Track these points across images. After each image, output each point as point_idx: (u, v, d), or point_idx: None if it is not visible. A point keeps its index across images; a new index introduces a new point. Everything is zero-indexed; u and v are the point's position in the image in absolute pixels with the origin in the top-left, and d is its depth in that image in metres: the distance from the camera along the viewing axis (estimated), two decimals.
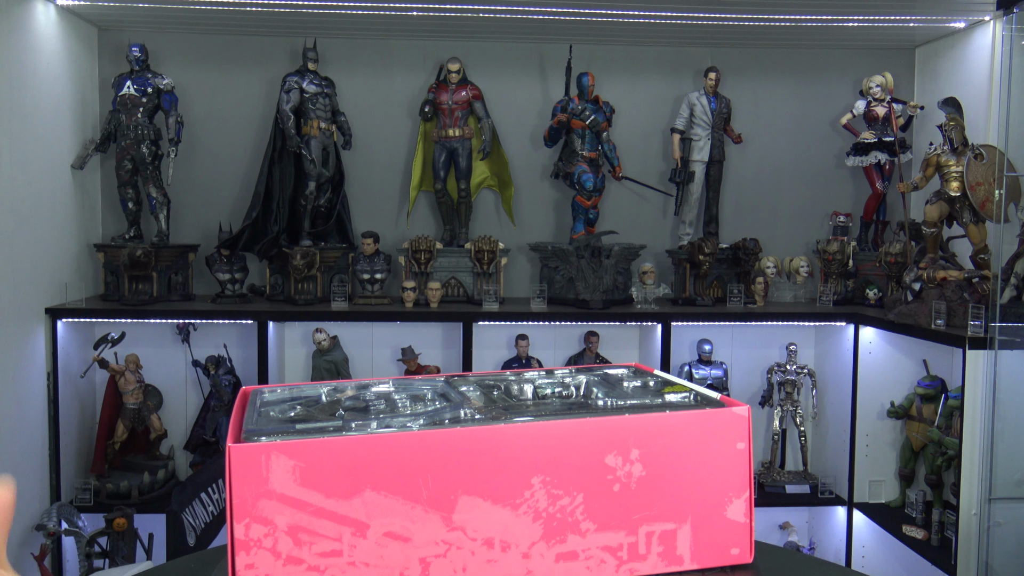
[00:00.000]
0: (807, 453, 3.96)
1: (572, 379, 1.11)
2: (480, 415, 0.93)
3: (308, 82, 3.79)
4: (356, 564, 0.85)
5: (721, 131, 4.04)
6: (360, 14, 3.62)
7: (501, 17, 3.66)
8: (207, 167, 4.04)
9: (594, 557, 0.91)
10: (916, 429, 3.55)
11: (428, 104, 3.93)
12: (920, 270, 3.38)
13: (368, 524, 0.85)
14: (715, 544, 0.95)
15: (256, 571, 0.84)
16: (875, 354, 3.68)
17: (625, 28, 3.84)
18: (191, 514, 2.56)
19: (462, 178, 3.95)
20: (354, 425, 0.89)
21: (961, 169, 3.22)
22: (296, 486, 0.83)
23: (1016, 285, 2.98)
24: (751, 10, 3.59)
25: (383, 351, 4.01)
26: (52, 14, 3.49)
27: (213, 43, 4.02)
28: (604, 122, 3.89)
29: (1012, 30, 2.93)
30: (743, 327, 4.08)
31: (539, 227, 4.19)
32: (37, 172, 3.35)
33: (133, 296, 3.64)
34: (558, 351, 4.05)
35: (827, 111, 4.24)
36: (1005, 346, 2.92)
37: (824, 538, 4.04)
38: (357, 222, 4.03)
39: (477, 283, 3.89)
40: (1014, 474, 2.97)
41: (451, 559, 0.88)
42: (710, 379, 3.88)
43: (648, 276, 3.81)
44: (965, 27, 3.79)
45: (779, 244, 4.21)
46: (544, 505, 0.89)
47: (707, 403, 0.98)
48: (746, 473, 0.95)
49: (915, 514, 3.51)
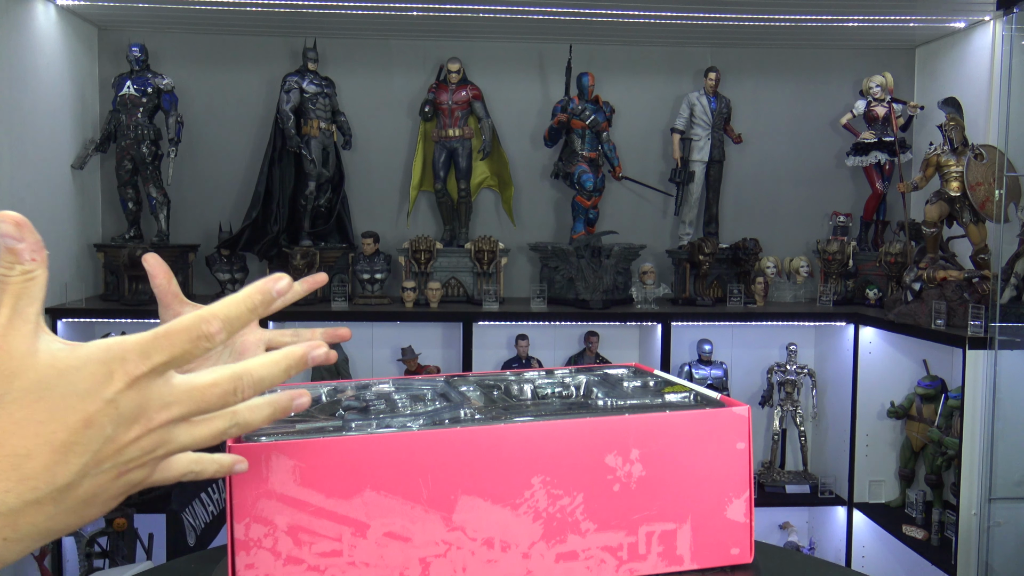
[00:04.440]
0: (807, 453, 3.96)
1: (572, 379, 1.11)
2: (480, 415, 0.93)
3: (308, 82, 3.80)
4: (356, 564, 0.85)
5: (721, 131, 4.05)
6: (360, 14, 3.62)
7: (501, 17, 3.66)
8: (207, 167, 4.04)
9: (594, 557, 0.91)
10: (916, 429, 3.55)
11: (428, 104, 3.93)
12: (920, 270, 3.38)
13: (368, 524, 0.85)
14: (715, 544, 0.95)
15: (256, 571, 0.84)
16: (875, 354, 3.68)
17: (625, 28, 3.84)
18: (191, 514, 2.56)
19: (462, 178, 3.95)
20: (354, 425, 0.89)
21: (961, 169, 3.22)
22: (296, 486, 0.83)
23: (1016, 285, 2.98)
24: (751, 10, 3.59)
25: (383, 351, 4.01)
26: (52, 14, 3.49)
27: (213, 43, 4.02)
28: (604, 122, 3.89)
29: (1012, 30, 2.93)
30: (743, 327, 4.08)
31: (539, 227, 4.19)
32: (37, 172, 3.35)
33: (133, 296, 3.64)
34: (558, 351, 4.05)
35: (827, 111, 4.24)
36: (1005, 346, 2.93)
37: (824, 538, 4.04)
38: (357, 222, 4.03)
39: (477, 283, 3.89)
40: (1014, 474, 2.97)
41: (451, 559, 0.88)
42: (710, 379, 3.88)
43: (648, 276, 3.81)
44: (965, 27, 3.79)
45: (779, 244, 4.21)
46: (544, 505, 0.89)
47: (707, 403, 0.98)
48: (746, 473, 0.95)
49: (915, 514, 3.51)
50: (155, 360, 0.53)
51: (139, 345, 0.53)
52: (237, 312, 0.56)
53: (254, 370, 0.57)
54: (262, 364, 0.58)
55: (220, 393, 0.56)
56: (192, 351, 0.54)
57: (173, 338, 0.54)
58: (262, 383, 0.57)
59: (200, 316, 0.55)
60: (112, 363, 0.53)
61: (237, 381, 0.56)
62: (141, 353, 0.53)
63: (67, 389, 0.52)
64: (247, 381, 0.57)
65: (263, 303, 0.57)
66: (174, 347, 0.54)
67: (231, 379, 0.56)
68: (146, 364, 0.53)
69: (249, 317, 0.57)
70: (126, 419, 0.53)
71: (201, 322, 0.54)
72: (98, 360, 0.53)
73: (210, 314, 0.55)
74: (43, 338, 0.54)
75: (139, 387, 0.53)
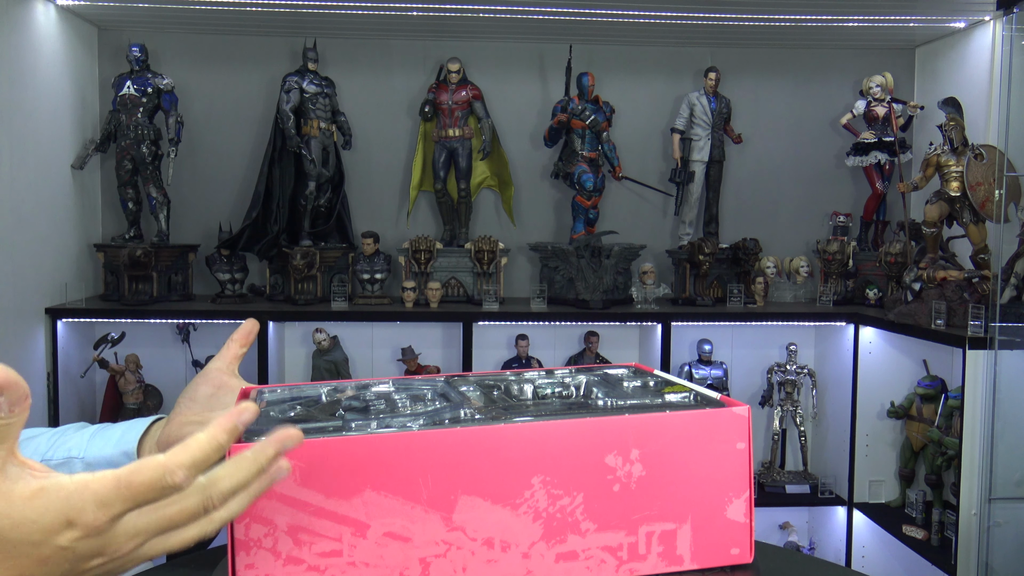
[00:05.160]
0: (807, 453, 3.96)
1: (572, 379, 1.11)
2: (480, 415, 0.93)
3: (308, 82, 3.80)
4: (356, 564, 0.85)
5: (721, 131, 4.05)
6: (360, 14, 3.62)
7: (501, 17, 3.66)
8: (207, 167, 4.04)
9: (594, 557, 0.91)
10: (916, 429, 3.55)
11: (428, 104, 3.93)
12: (920, 270, 3.38)
13: (368, 524, 0.85)
14: (715, 544, 0.95)
15: (256, 571, 0.84)
16: (875, 354, 3.68)
17: (625, 28, 3.84)
18: None
19: (462, 178, 3.96)
20: (354, 425, 0.89)
21: (961, 169, 3.22)
22: (296, 486, 0.83)
23: (1016, 285, 2.98)
24: (751, 10, 3.59)
25: (383, 351, 4.01)
26: (52, 14, 3.49)
27: (213, 43, 4.02)
28: (604, 122, 3.89)
29: (1012, 30, 2.93)
30: (743, 327, 4.09)
31: (539, 227, 4.19)
32: (37, 172, 3.35)
33: (133, 296, 3.64)
34: (558, 351, 4.05)
35: (827, 111, 4.24)
36: (1005, 346, 2.93)
37: (824, 538, 4.04)
38: (357, 222, 4.03)
39: (477, 283, 3.89)
40: (1014, 474, 2.97)
41: (451, 559, 0.88)
42: (710, 379, 3.88)
43: (648, 276, 3.81)
44: (965, 27, 3.80)
45: (779, 244, 4.21)
46: (544, 505, 0.89)
47: (707, 403, 0.98)
48: (746, 473, 0.95)
49: (915, 514, 3.51)
50: (115, 511, 0.53)
51: (99, 497, 0.53)
52: (203, 456, 0.55)
53: (222, 483, 0.57)
54: (230, 474, 0.57)
55: (189, 516, 0.56)
56: (157, 499, 0.54)
57: (135, 489, 0.53)
58: (232, 494, 0.58)
59: (165, 467, 0.54)
60: (70, 513, 0.53)
61: (207, 501, 0.56)
62: (100, 505, 0.53)
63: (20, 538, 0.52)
64: (216, 498, 0.57)
65: (229, 441, 0.57)
66: (137, 497, 0.53)
67: (199, 501, 0.56)
68: (105, 515, 0.53)
69: (216, 456, 0.56)
70: (85, 557, 0.54)
71: (166, 473, 0.54)
72: (56, 511, 0.53)
73: (176, 464, 0.54)
74: (7, 476, 0.53)
75: (97, 534, 0.54)
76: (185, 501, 0.56)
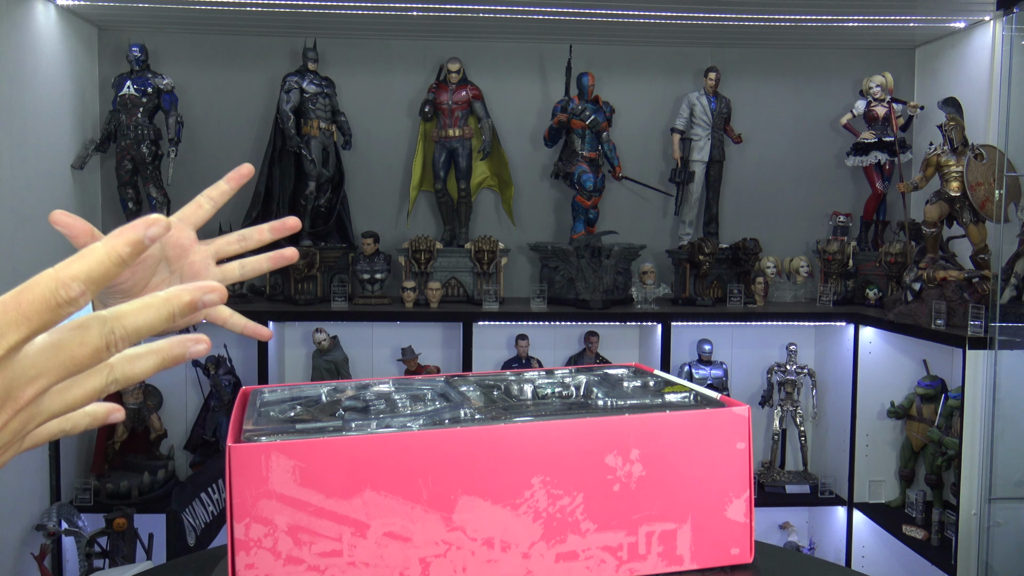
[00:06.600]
0: (807, 453, 3.96)
1: (572, 379, 1.11)
2: (480, 415, 0.93)
3: (308, 82, 3.80)
4: (356, 564, 0.85)
5: (721, 131, 4.05)
6: (360, 14, 3.62)
7: (501, 17, 3.66)
8: (207, 167, 4.04)
9: (594, 557, 0.91)
10: (916, 429, 3.55)
11: (428, 104, 3.93)
12: (920, 270, 3.38)
13: (368, 524, 0.85)
14: (715, 544, 0.95)
15: (256, 571, 0.84)
16: (875, 354, 3.68)
17: (625, 28, 3.84)
18: (191, 514, 2.56)
19: (462, 178, 3.95)
20: (354, 425, 0.89)
21: (961, 169, 3.22)
22: (296, 486, 0.83)
23: (1016, 285, 2.98)
24: (751, 10, 3.59)
25: (383, 351, 4.01)
26: (52, 14, 3.49)
27: (213, 43, 4.02)
28: (604, 122, 3.89)
29: (1012, 30, 2.93)
30: (743, 327, 4.08)
31: (539, 227, 4.19)
32: (37, 172, 3.35)
33: None
34: (558, 351, 4.05)
35: (827, 111, 4.24)
36: (1005, 346, 2.93)
37: (824, 538, 4.04)
38: (357, 222, 4.03)
39: (477, 283, 3.89)
40: (1014, 474, 2.97)
41: (451, 559, 0.88)
42: (710, 379, 3.88)
43: (648, 276, 3.81)
44: (965, 27, 3.80)
45: (779, 244, 4.21)
46: (544, 505, 0.89)
47: (707, 403, 0.98)
48: (746, 473, 0.95)
49: (915, 514, 3.51)
50: (10, 340, 0.46)
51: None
52: (102, 270, 0.48)
53: (127, 319, 0.49)
54: (136, 310, 0.50)
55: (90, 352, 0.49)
56: (53, 320, 0.47)
57: (26, 309, 0.46)
58: (138, 333, 0.50)
59: (56, 279, 0.47)
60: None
61: (108, 336, 0.49)
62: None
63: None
64: (119, 334, 0.49)
65: (132, 255, 0.49)
66: (31, 321, 0.46)
67: (100, 335, 0.49)
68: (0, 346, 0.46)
69: (116, 272, 0.48)
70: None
71: (59, 286, 0.46)
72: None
73: (69, 276, 0.47)
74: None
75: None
76: (86, 334, 0.49)
